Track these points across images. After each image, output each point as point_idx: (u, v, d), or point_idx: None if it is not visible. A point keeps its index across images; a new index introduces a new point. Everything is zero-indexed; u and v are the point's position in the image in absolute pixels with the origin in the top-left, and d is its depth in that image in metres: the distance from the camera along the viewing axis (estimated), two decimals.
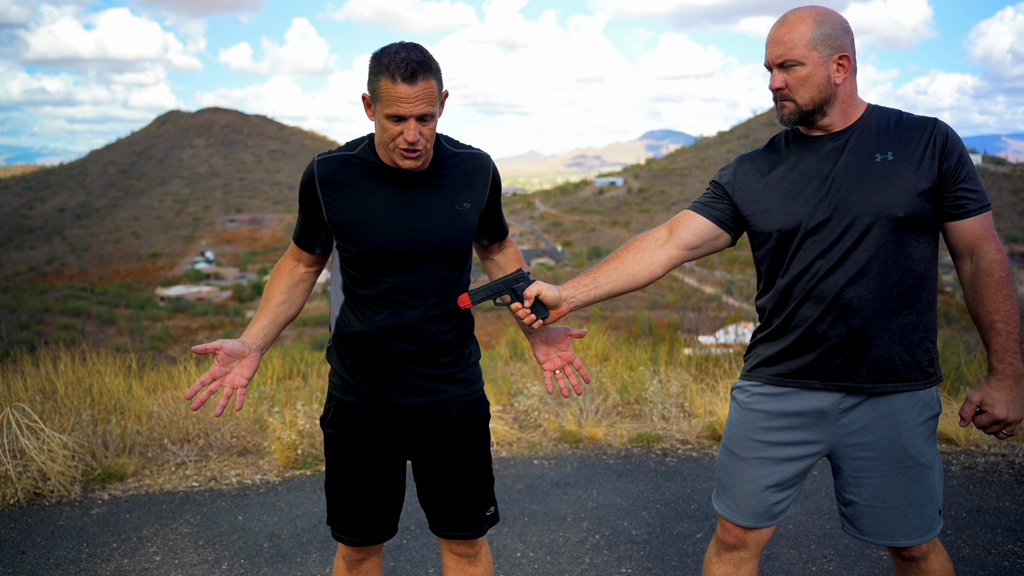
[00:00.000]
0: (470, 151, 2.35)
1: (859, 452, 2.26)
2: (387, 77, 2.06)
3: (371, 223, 2.22)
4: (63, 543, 3.86)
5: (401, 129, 2.10)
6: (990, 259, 2.15)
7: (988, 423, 2.19)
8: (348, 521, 2.42)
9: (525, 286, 2.24)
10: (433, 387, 2.33)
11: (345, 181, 2.24)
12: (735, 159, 2.40)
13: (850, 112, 2.21)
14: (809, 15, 2.16)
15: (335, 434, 2.38)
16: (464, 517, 2.42)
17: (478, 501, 2.43)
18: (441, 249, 2.26)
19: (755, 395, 2.34)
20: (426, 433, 2.35)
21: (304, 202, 2.30)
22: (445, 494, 2.41)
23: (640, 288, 2.35)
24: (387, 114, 2.09)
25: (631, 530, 3.94)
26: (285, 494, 4.50)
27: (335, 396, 2.39)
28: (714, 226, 2.35)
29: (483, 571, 2.48)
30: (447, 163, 2.30)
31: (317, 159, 2.27)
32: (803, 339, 2.23)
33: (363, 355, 2.30)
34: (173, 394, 5.49)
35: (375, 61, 2.10)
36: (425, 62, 2.07)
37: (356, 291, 2.30)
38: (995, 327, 2.15)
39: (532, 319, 2.24)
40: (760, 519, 2.34)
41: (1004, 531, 3.83)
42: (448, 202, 2.27)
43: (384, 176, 2.24)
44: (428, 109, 2.09)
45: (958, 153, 2.13)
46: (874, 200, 2.13)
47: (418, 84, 2.06)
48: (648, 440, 5.30)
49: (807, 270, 2.19)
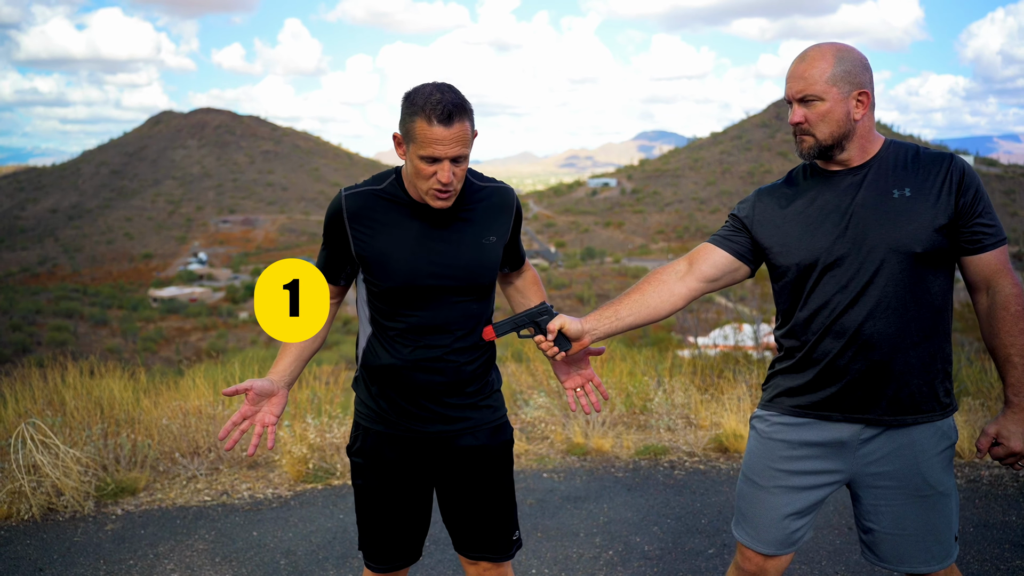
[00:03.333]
0: (495, 185, 2.39)
1: (879, 481, 2.29)
2: (423, 119, 2.08)
3: (401, 259, 2.25)
4: (80, 560, 3.88)
5: (435, 170, 2.13)
6: (1006, 293, 2.19)
7: (1004, 455, 2.23)
8: (376, 547, 2.46)
9: (548, 319, 2.30)
10: (459, 415, 2.37)
11: (374, 216, 2.27)
12: (754, 192, 2.43)
13: (868, 147, 2.24)
14: (830, 51, 2.19)
15: (363, 463, 2.42)
16: (492, 541, 2.46)
17: (505, 525, 2.47)
18: (469, 283, 2.30)
19: (775, 424, 2.37)
20: (453, 460, 2.39)
21: (331, 235, 2.33)
22: (472, 518, 2.44)
23: (661, 320, 2.38)
24: (421, 155, 2.12)
25: (643, 546, 3.98)
26: (298, 509, 4.53)
27: (362, 425, 2.42)
28: (733, 259, 2.38)
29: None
30: (474, 198, 2.33)
31: (345, 193, 2.30)
32: (824, 373, 2.26)
33: (391, 386, 2.34)
34: (182, 406, 5.51)
35: (409, 102, 2.12)
36: (460, 104, 2.10)
37: (384, 324, 2.33)
38: (1011, 360, 2.19)
39: (555, 351, 2.31)
40: (780, 547, 2.38)
41: (1012, 546, 3.88)
42: (475, 236, 2.31)
43: (412, 211, 2.28)
44: (462, 151, 2.13)
45: (975, 188, 2.17)
46: (892, 236, 2.16)
47: (454, 126, 2.09)
48: (655, 452, 5.34)
49: (826, 305, 2.22)
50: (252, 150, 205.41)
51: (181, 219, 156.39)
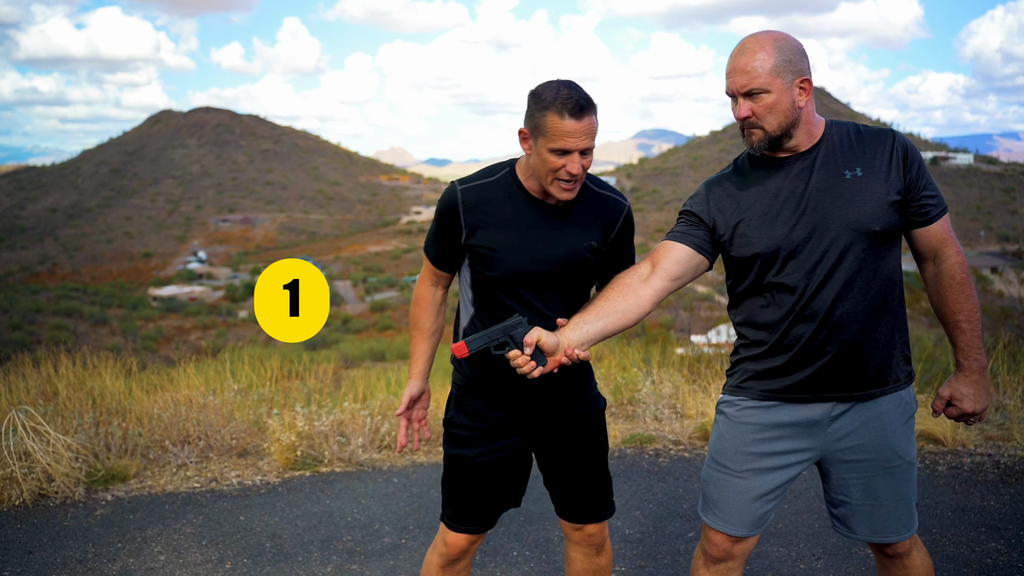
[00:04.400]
0: (611, 195, 2.50)
1: (849, 456, 2.33)
2: (555, 113, 2.21)
3: (510, 249, 2.37)
4: (69, 543, 3.94)
5: (564, 162, 2.25)
6: (952, 262, 2.26)
7: (957, 415, 2.33)
8: (474, 512, 2.57)
9: (524, 332, 2.20)
10: (560, 389, 2.50)
11: (486, 208, 2.39)
12: (703, 185, 2.42)
13: (813, 131, 2.28)
14: (767, 41, 2.19)
15: (462, 434, 2.54)
16: (597, 503, 2.63)
17: (607, 487, 2.65)
18: (569, 278, 2.43)
19: (745, 409, 2.38)
20: (554, 427, 2.53)
21: (444, 227, 2.44)
22: (578, 482, 2.59)
23: (632, 326, 2.34)
24: (552, 148, 2.24)
25: (624, 529, 4.04)
26: (285, 494, 4.59)
27: (463, 396, 2.55)
28: (695, 252, 2.35)
29: (607, 560, 2.73)
30: (586, 200, 2.45)
31: (460, 187, 2.41)
32: (797, 357, 2.27)
33: (493, 359, 2.43)
34: (173, 396, 5.56)
35: (537, 98, 2.26)
36: (589, 99, 2.24)
37: (489, 306, 2.45)
38: (960, 326, 2.26)
39: (532, 366, 2.18)
40: (750, 528, 2.41)
41: (988, 529, 3.94)
42: (578, 235, 2.42)
43: (524, 203, 2.40)
44: (590, 143, 2.26)
45: (918, 162, 2.24)
46: (851, 216, 2.20)
47: (584, 120, 2.22)
48: (641, 441, 5.40)
49: (793, 290, 2.24)
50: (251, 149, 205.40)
51: (180, 218, 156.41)
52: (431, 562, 2.66)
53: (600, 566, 2.70)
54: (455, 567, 2.64)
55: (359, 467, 4.99)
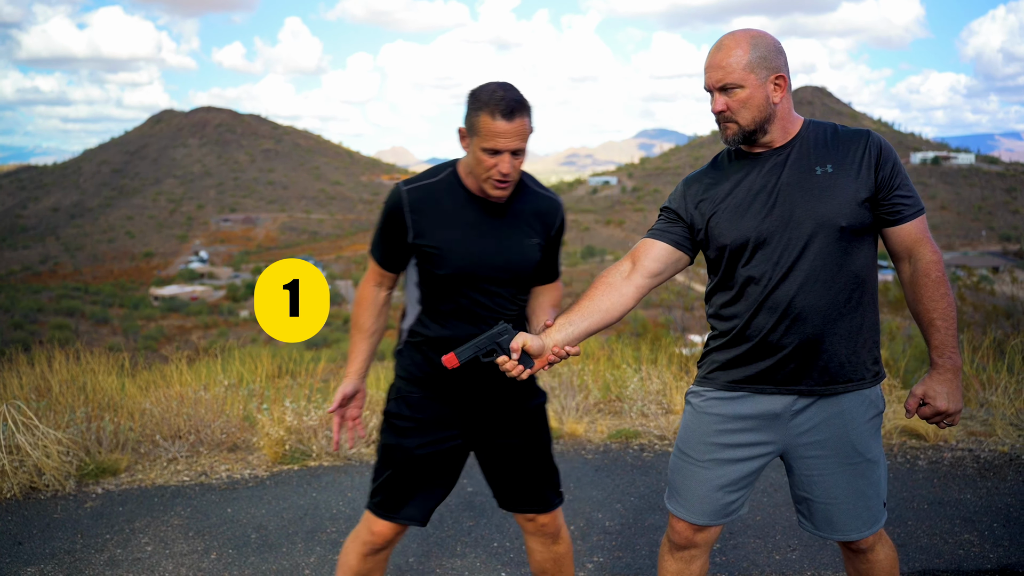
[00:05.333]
0: (548, 195, 2.60)
1: (810, 451, 2.38)
2: (487, 113, 2.29)
3: (456, 248, 2.44)
4: (58, 534, 4.01)
5: (496, 162, 2.33)
6: (927, 260, 2.29)
7: (931, 414, 2.33)
8: (410, 503, 2.61)
9: (510, 339, 2.30)
10: (502, 384, 2.55)
11: (432, 208, 2.45)
12: (681, 182, 2.50)
13: (789, 128, 2.34)
14: (744, 39, 2.28)
15: (402, 424, 2.59)
16: (543, 493, 2.68)
17: (552, 476, 2.70)
18: (512, 275, 2.50)
19: (709, 399, 2.44)
20: (495, 422, 2.59)
21: (390, 228, 2.50)
22: (521, 474, 2.65)
23: (615, 322, 2.41)
24: (484, 147, 2.31)
25: (604, 521, 4.10)
26: (273, 488, 4.65)
27: (404, 389, 2.60)
28: (674, 249, 2.43)
29: (566, 548, 2.77)
30: (528, 199, 2.54)
31: (405, 187, 2.47)
32: (758, 347, 2.33)
33: (437, 355, 2.49)
34: (165, 391, 5.63)
35: (474, 98, 2.33)
36: (521, 102, 2.31)
37: (434, 305, 2.52)
38: (934, 324, 2.29)
39: (520, 370, 2.27)
40: (713, 518, 2.46)
41: (963, 521, 4.00)
42: (523, 233, 2.51)
43: (469, 202, 2.46)
44: (520, 144, 2.33)
45: (892, 162, 2.28)
46: (817, 211, 2.25)
47: (515, 121, 2.29)
48: (627, 436, 5.46)
49: (758, 281, 2.30)
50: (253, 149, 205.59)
51: (182, 218, 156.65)
52: (351, 551, 2.67)
53: (559, 554, 2.76)
54: (376, 557, 2.66)
55: (347, 461, 5.05)
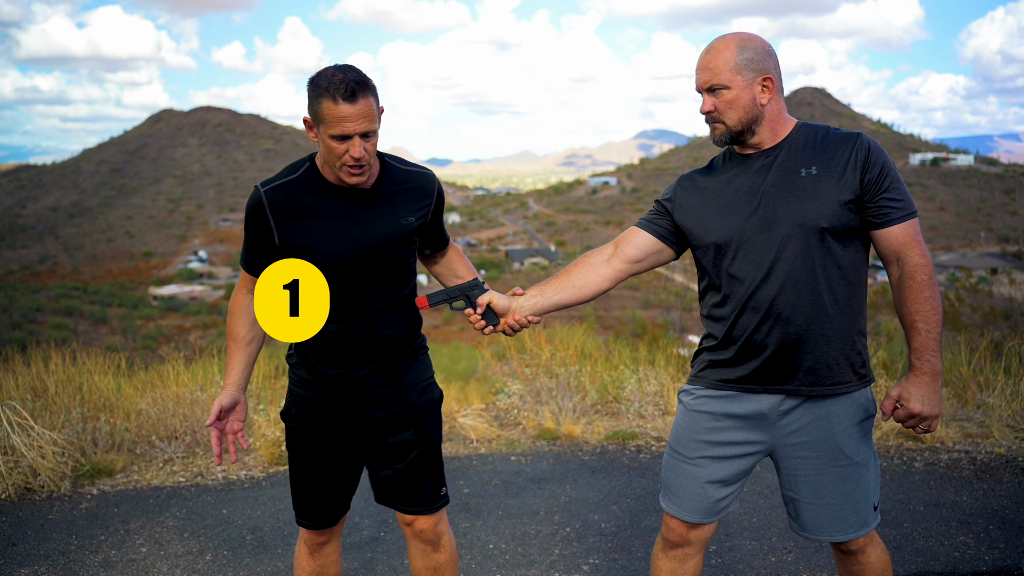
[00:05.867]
0: (417, 169, 2.52)
1: (797, 452, 2.40)
2: (328, 99, 2.20)
3: (323, 243, 2.37)
4: (53, 535, 4.00)
5: (346, 147, 2.24)
6: (913, 264, 2.28)
7: (904, 417, 2.31)
8: (310, 507, 2.59)
9: (479, 294, 2.44)
10: (384, 380, 2.50)
11: (293, 206, 2.38)
12: (677, 179, 2.56)
13: (779, 130, 2.35)
14: (732, 42, 2.31)
15: (296, 427, 2.56)
16: (421, 493, 2.56)
17: (434, 479, 2.59)
18: (388, 259, 2.43)
19: (700, 397, 2.47)
20: (382, 419, 2.52)
21: (254, 232, 2.42)
22: (402, 472, 2.55)
23: (588, 300, 2.50)
24: (331, 134, 2.23)
25: (600, 523, 4.10)
26: (268, 489, 4.65)
27: (295, 392, 2.56)
28: (656, 240, 2.50)
29: (447, 557, 2.64)
30: (394, 179, 2.46)
31: (263, 188, 2.39)
32: (744, 348, 2.36)
33: (321, 354, 2.47)
34: (162, 392, 5.62)
35: (313, 85, 2.24)
36: (363, 81, 2.22)
37: None
38: (916, 326, 2.28)
39: (483, 325, 2.46)
40: (704, 515, 2.47)
41: (959, 524, 3.99)
42: (393, 216, 2.43)
43: (331, 194, 2.39)
44: (369, 126, 2.24)
45: (880, 165, 2.27)
46: (798, 212, 2.26)
47: (358, 103, 2.20)
48: (623, 437, 5.46)
49: (742, 282, 2.32)
50: (252, 148, 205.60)
51: (181, 217, 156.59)
52: (299, 550, 2.70)
53: (439, 563, 2.63)
54: (322, 551, 2.67)
55: None
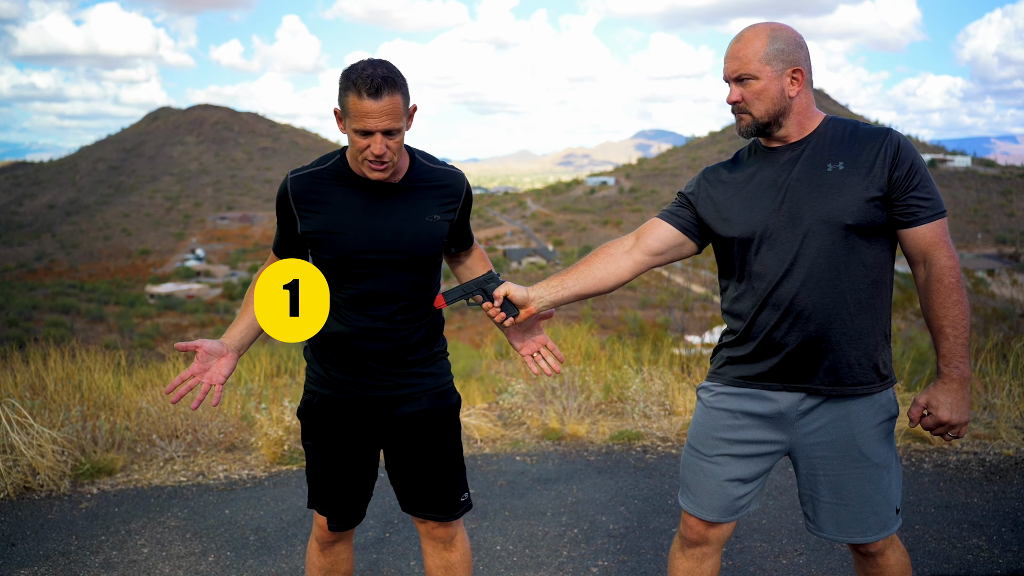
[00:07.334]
0: (447, 169, 2.47)
1: (817, 452, 2.34)
2: (354, 93, 2.17)
3: (343, 233, 2.34)
4: (53, 535, 3.94)
5: (368, 143, 2.21)
6: (941, 265, 2.21)
7: (933, 425, 2.26)
8: (326, 504, 2.57)
9: (495, 286, 2.40)
10: (403, 382, 2.46)
11: (317, 196, 2.36)
12: (701, 172, 2.50)
13: (806, 124, 2.29)
14: (763, 31, 2.25)
15: (312, 425, 2.52)
16: (438, 501, 2.54)
17: (451, 486, 2.56)
18: (410, 256, 2.38)
19: (719, 394, 2.43)
20: (397, 423, 2.48)
21: (281, 217, 2.43)
22: (418, 478, 2.53)
23: (607, 292, 2.46)
24: (355, 128, 2.20)
25: (608, 524, 4.05)
26: (271, 488, 4.59)
27: (311, 389, 2.52)
28: (679, 233, 2.44)
29: (459, 556, 2.61)
30: (422, 176, 2.42)
31: (290, 176, 2.39)
32: (763, 345, 2.31)
33: (338, 353, 2.43)
34: (162, 390, 5.55)
35: (344, 78, 2.21)
36: (391, 78, 2.17)
37: (331, 294, 2.42)
38: (943, 331, 2.22)
39: (503, 317, 2.40)
40: (723, 514, 2.43)
41: (971, 526, 3.95)
42: (419, 213, 2.39)
43: (357, 186, 2.36)
44: (393, 124, 2.19)
45: (909, 162, 2.20)
46: (822, 208, 2.21)
47: (383, 99, 2.16)
48: (629, 437, 5.41)
49: (763, 277, 2.27)
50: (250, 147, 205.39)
51: (179, 215, 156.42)
52: (311, 547, 2.68)
53: (451, 562, 2.62)
54: (333, 549, 2.65)
55: None
